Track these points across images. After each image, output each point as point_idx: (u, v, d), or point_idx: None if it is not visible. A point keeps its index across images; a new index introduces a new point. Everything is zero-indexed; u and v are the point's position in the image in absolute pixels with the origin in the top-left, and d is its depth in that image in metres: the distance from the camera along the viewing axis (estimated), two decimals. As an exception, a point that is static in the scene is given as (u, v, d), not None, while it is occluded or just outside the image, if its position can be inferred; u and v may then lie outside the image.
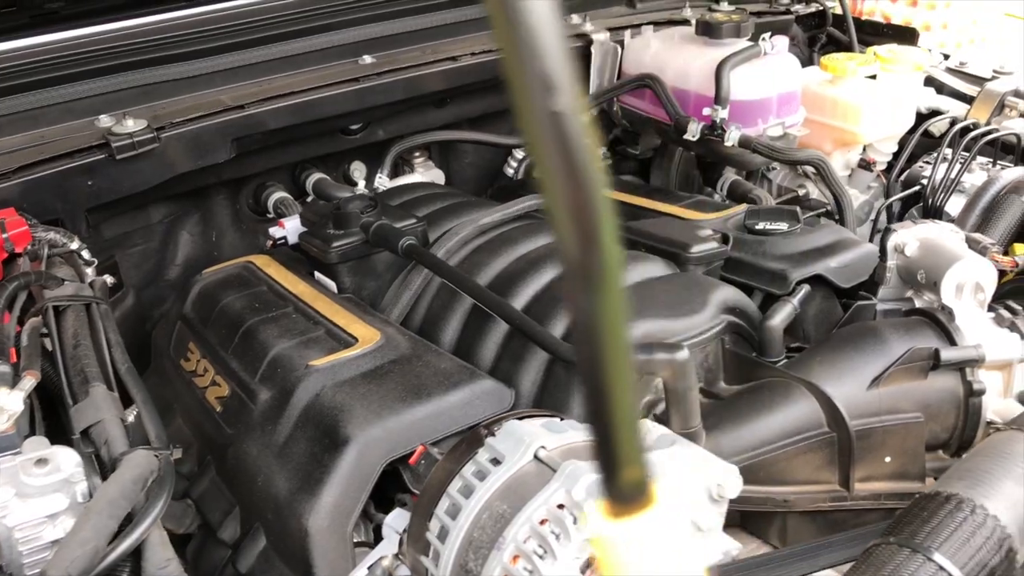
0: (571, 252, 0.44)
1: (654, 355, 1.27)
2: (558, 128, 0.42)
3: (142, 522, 1.21)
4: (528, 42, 0.41)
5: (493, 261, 1.73)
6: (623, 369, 0.46)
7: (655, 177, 2.84)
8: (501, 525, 1.03)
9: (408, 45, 2.43)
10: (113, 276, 2.23)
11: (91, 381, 1.38)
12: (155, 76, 2.13)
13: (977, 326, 1.39)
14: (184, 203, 2.36)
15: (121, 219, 2.21)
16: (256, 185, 2.50)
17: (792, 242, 1.76)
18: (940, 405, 1.36)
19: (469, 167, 2.82)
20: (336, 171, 2.62)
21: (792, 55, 2.33)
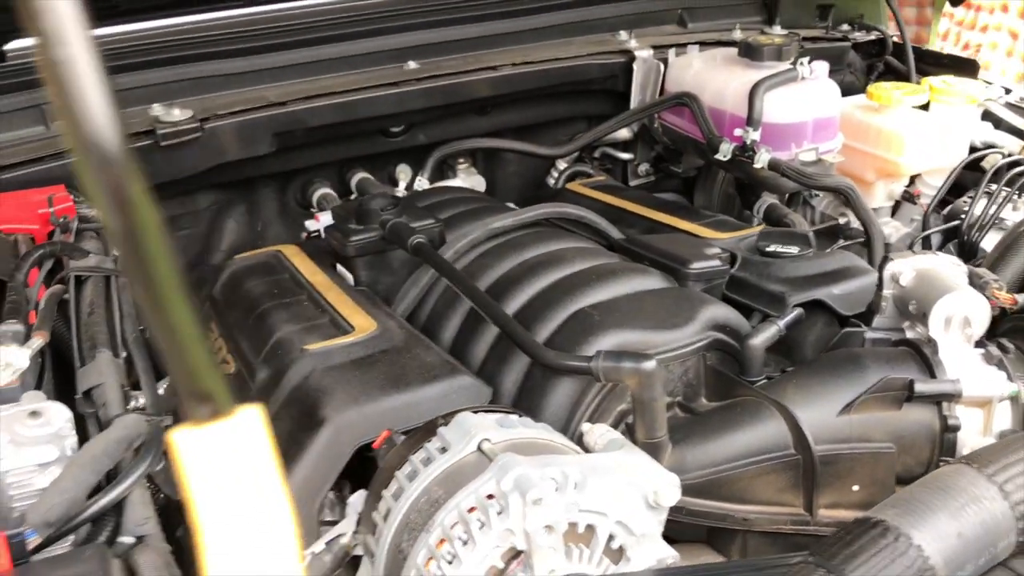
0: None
1: (621, 363, 1.29)
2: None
3: (124, 480, 1.30)
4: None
5: (498, 264, 1.78)
6: (169, 285, 0.51)
7: (698, 197, 2.84)
8: (434, 509, 1.07)
9: (453, 53, 2.50)
10: (158, 256, 2.37)
11: (99, 347, 1.48)
12: (208, 70, 2.25)
13: (961, 361, 1.36)
14: (231, 192, 2.48)
15: (169, 203, 2.33)
16: (304, 180, 2.60)
17: (798, 266, 1.75)
18: (914, 438, 1.34)
19: (513, 176, 2.87)
20: (382, 172, 2.71)
21: (831, 81, 2.30)
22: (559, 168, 2.81)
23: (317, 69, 2.37)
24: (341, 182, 2.64)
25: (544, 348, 1.41)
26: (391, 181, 2.68)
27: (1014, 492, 1.03)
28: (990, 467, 1.05)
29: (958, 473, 1.06)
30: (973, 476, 1.05)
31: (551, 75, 2.47)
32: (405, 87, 2.29)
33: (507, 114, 2.62)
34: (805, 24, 2.92)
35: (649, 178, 2.87)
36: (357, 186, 2.59)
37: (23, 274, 1.51)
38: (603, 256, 1.77)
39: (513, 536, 1.03)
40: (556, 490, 1.05)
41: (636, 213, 2.14)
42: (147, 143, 2.05)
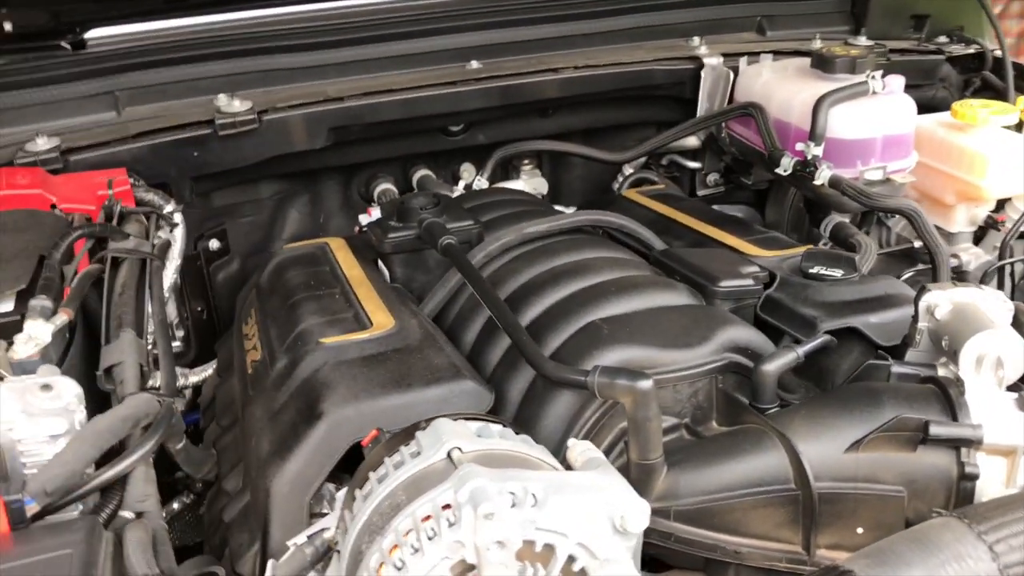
0: None
1: (616, 380, 1.25)
2: None
3: (127, 458, 1.35)
4: None
5: (526, 270, 1.76)
6: None
7: (769, 211, 2.75)
8: (393, 514, 1.07)
9: (519, 54, 2.49)
10: (220, 241, 2.46)
11: (124, 326, 1.54)
12: (274, 64, 2.32)
13: (989, 404, 1.26)
14: (295, 183, 2.54)
15: (231, 191, 2.41)
16: (369, 175, 2.65)
17: (839, 290, 1.66)
18: (927, 483, 1.25)
19: (577, 179, 2.85)
20: (446, 169, 2.73)
21: (907, 96, 2.18)
22: (624, 174, 2.76)
23: (381, 66, 2.40)
24: (405, 178, 2.67)
25: (545, 358, 1.39)
26: (454, 179, 2.70)
27: (1005, 554, 0.95)
28: (983, 524, 0.97)
29: (945, 527, 0.98)
30: (962, 532, 0.97)
31: (614, 79, 2.43)
32: (463, 86, 2.30)
33: (570, 117, 2.59)
34: (896, 35, 2.78)
35: (718, 189, 2.79)
36: (418, 183, 2.61)
37: (60, 252, 1.58)
38: (632, 268, 1.73)
39: (463, 549, 1.01)
40: (513, 505, 1.03)
41: (684, 225, 2.08)
42: (206, 132, 2.12)
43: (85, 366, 1.54)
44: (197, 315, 2.37)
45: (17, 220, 1.76)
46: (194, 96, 2.25)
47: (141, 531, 1.26)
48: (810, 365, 1.61)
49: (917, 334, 1.43)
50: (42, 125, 2.13)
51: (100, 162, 2.06)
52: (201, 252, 2.37)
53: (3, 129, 2.12)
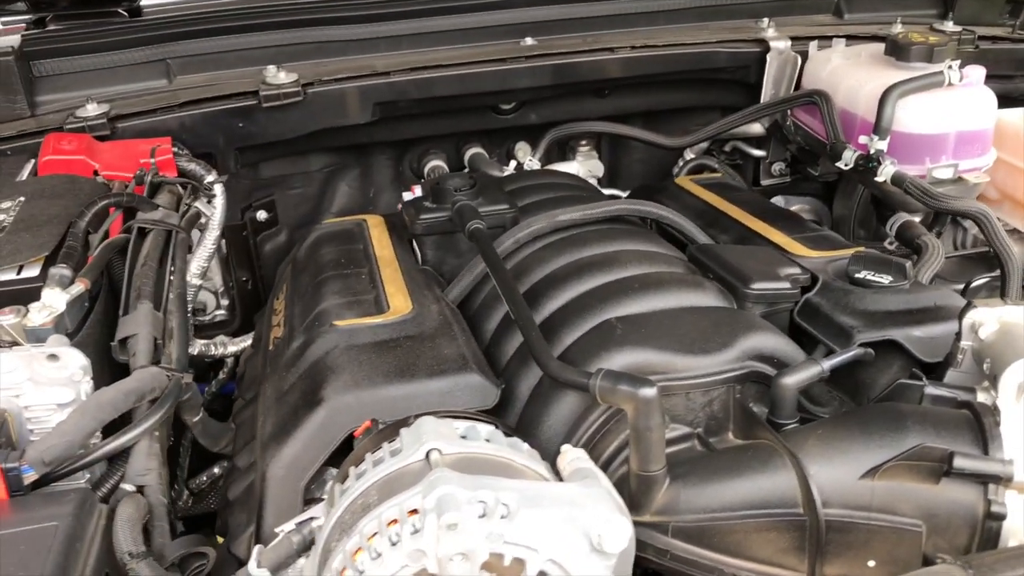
0: None
1: (618, 385, 1.19)
2: None
3: (129, 431, 1.35)
4: None
5: (554, 259, 1.70)
6: None
7: (837, 205, 2.61)
8: (363, 514, 1.04)
9: (576, 31, 2.41)
10: (268, 212, 2.47)
11: (142, 298, 1.54)
12: (324, 35, 2.30)
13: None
14: (346, 157, 2.53)
15: (280, 162, 2.41)
16: (422, 150, 2.62)
17: (883, 298, 1.55)
18: (949, 519, 1.14)
19: (637, 163, 2.75)
20: (500, 148, 2.68)
21: (987, 89, 2.02)
22: (685, 159, 2.66)
23: (434, 40, 2.36)
24: (457, 155, 2.62)
25: (551, 356, 1.33)
26: (508, 157, 2.64)
27: (1009, 612, 0.86)
28: (986, 574, 0.88)
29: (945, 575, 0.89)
30: (962, 583, 0.88)
31: (674, 61, 2.33)
32: (513, 64, 2.23)
33: (628, 99, 2.50)
34: (988, 21, 2.58)
35: (783, 179, 2.66)
36: (469, 161, 2.57)
37: (84, 221, 1.59)
38: (663, 264, 1.65)
39: (425, 558, 0.97)
40: (481, 516, 0.98)
41: (732, 218, 1.98)
42: (251, 103, 2.11)
43: (107, 336, 1.55)
44: (242, 285, 2.39)
45: (56, 186, 1.79)
46: (245, 66, 2.25)
47: (132, 507, 1.26)
48: (846, 377, 1.51)
49: (959, 353, 1.32)
50: (96, 91, 2.16)
51: (147, 129, 2.08)
52: (248, 222, 2.39)
53: (59, 94, 2.16)
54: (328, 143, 2.38)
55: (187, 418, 1.63)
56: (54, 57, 2.16)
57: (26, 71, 2.12)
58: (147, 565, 1.20)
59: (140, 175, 1.81)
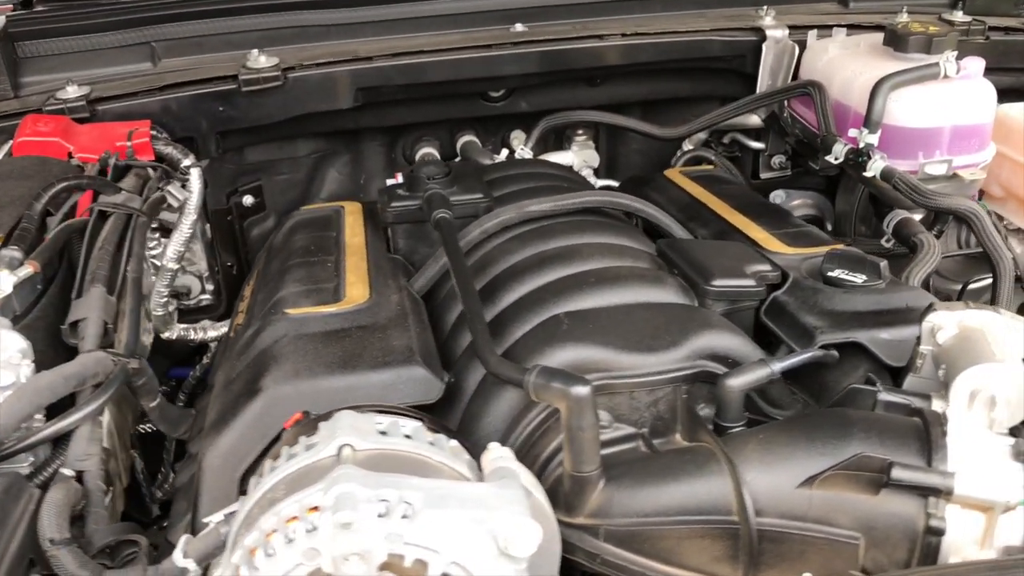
0: None
1: (551, 382, 1.15)
2: None
3: (68, 416, 1.34)
4: None
5: (519, 251, 1.66)
6: None
7: (840, 200, 2.53)
8: (267, 510, 1.01)
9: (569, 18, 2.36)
10: (255, 197, 2.46)
11: (96, 282, 1.53)
12: (310, 20, 2.27)
13: (975, 450, 1.09)
14: (335, 142, 2.50)
15: (266, 147, 2.39)
16: (415, 137, 2.58)
17: (853, 299, 1.48)
18: (888, 532, 1.09)
19: (635, 153, 2.70)
20: (495, 136, 2.63)
21: (986, 82, 1.93)
22: (684, 150, 2.60)
23: (422, 25, 2.32)
24: (451, 142, 2.59)
25: (491, 351, 1.29)
26: (504, 146, 2.60)
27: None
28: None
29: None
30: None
31: (666, 49, 2.26)
32: (498, 51, 2.19)
33: (621, 88, 2.44)
34: (1002, 12, 2.48)
35: (784, 172, 2.58)
36: (461, 149, 2.53)
37: (41, 203, 1.58)
38: (628, 258, 1.60)
39: (320, 557, 0.94)
40: (381, 515, 0.95)
41: (714, 211, 1.92)
42: (231, 87, 2.09)
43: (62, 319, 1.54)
44: (227, 269, 2.38)
45: (25, 167, 1.79)
46: (231, 50, 2.23)
47: (60, 493, 1.25)
48: (811, 380, 1.46)
49: (919, 358, 1.26)
50: (81, 73, 2.15)
51: (128, 112, 2.07)
52: (234, 207, 2.37)
53: (44, 76, 2.16)
54: (314, 128, 2.35)
55: (144, 403, 1.61)
56: (39, 38, 2.15)
57: (10, 52, 2.12)
58: (69, 552, 1.19)
59: (104, 158, 1.80)
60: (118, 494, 1.54)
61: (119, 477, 1.58)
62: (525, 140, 2.50)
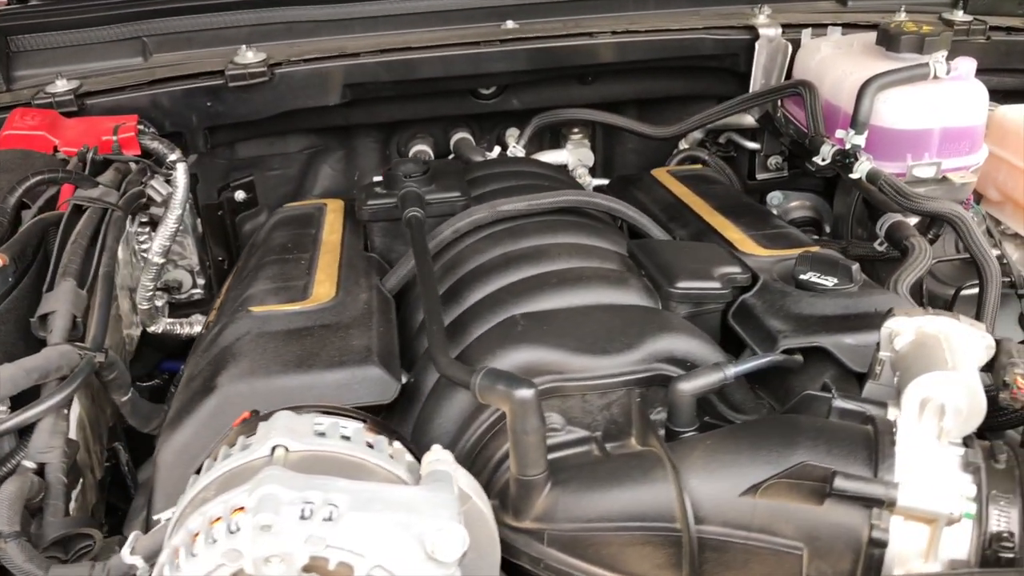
0: None
1: (496, 384, 1.14)
2: None
3: (30, 409, 1.35)
4: None
5: (489, 250, 1.65)
6: None
7: (837, 202, 2.49)
8: (196, 509, 1.01)
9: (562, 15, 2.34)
10: (247, 193, 2.47)
11: (67, 276, 1.54)
12: (300, 15, 2.27)
13: (923, 460, 1.06)
14: (327, 138, 2.51)
15: (258, 143, 2.40)
16: (410, 134, 2.58)
17: (821, 303, 1.46)
18: (832, 543, 1.06)
19: (631, 153, 2.68)
20: (490, 133, 2.62)
21: (978, 83, 1.89)
22: (680, 148, 2.57)
23: (412, 22, 2.31)
24: (446, 139, 2.58)
25: (445, 351, 1.28)
26: (499, 144, 2.59)
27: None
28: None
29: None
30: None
31: (657, 47, 2.24)
32: (486, 47, 2.18)
33: (613, 86, 2.42)
34: (1006, 11, 2.42)
35: (781, 173, 2.55)
36: (454, 146, 2.52)
37: (15, 196, 1.60)
38: (596, 259, 1.58)
39: (243, 559, 0.94)
40: (303, 518, 0.94)
41: (694, 212, 1.89)
42: (219, 83, 2.10)
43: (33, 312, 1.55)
44: (219, 264, 2.40)
45: (8, 160, 1.80)
46: (221, 45, 2.24)
47: (14, 485, 1.26)
48: (778, 384, 1.43)
49: (877, 364, 1.23)
50: (73, 67, 2.17)
51: (117, 107, 2.08)
52: (225, 202, 2.39)
53: (36, 69, 2.18)
54: (305, 124, 2.36)
55: (115, 397, 1.63)
56: (32, 32, 2.18)
57: (3, 46, 2.14)
58: (17, 545, 1.20)
59: (83, 152, 1.81)
60: (89, 486, 1.56)
61: (91, 469, 1.59)
62: (518, 138, 2.48)
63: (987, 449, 1.09)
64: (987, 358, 1.18)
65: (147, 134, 2.03)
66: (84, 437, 1.55)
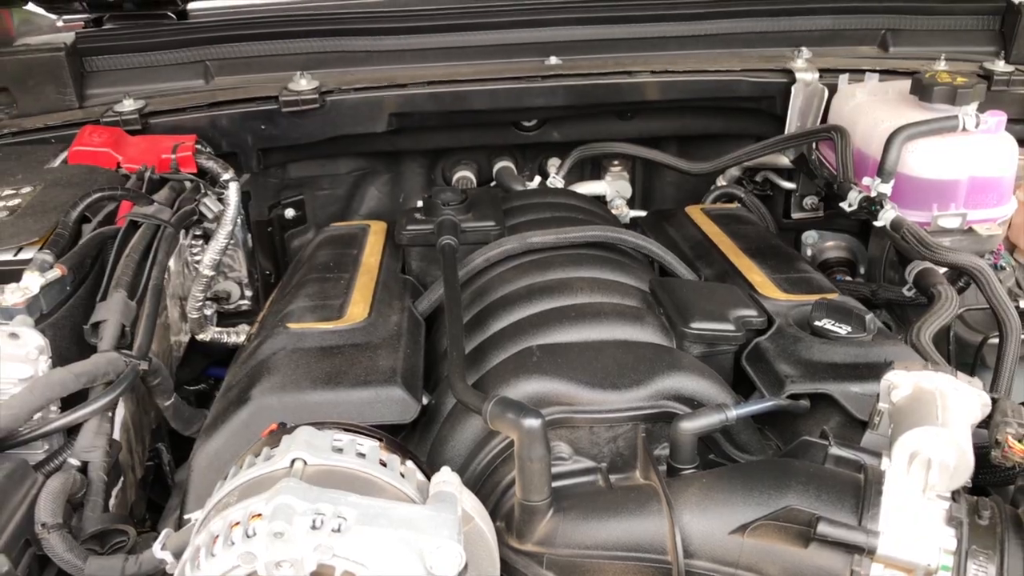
0: None
1: (506, 413, 1.21)
2: None
3: (76, 411, 1.46)
4: None
5: (516, 281, 1.72)
6: None
7: (872, 244, 2.51)
8: (219, 512, 1.10)
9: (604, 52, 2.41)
10: (297, 210, 2.59)
11: (119, 287, 1.65)
12: (352, 46, 2.39)
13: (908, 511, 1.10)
14: (375, 162, 2.62)
15: (309, 164, 2.52)
16: (454, 160, 2.68)
17: (831, 350, 1.50)
18: (815, 585, 1.11)
19: (670, 186, 2.74)
20: (532, 163, 2.71)
21: (1007, 136, 1.91)
22: (718, 185, 2.62)
23: (461, 55, 2.41)
24: (489, 166, 2.67)
25: (462, 377, 1.35)
26: (541, 172, 2.67)
27: None
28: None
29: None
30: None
31: (694, 88, 2.30)
32: (528, 83, 2.26)
33: (652, 122, 2.48)
34: (1052, 62, 2.43)
35: (816, 213, 2.58)
36: (496, 174, 2.61)
37: (76, 211, 1.72)
38: (616, 294, 1.64)
39: (256, 561, 1.02)
40: (313, 528, 1.02)
41: (720, 251, 1.94)
42: (273, 107, 2.22)
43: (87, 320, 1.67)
44: (266, 277, 2.51)
45: (74, 175, 1.94)
46: (278, 71, 2.36)
47: (59, 481, 1.37)
48: (786, 427, 1.48)
49: (876, 415, 1.27)
50: (141, 87, 2.32)
51: (178, 127, 2.22)
52: (275, 219, 2.50)
53: (107, 88, 2.33)
54: (353, 148, 2.47)
55: (159, 402, 1.74)
56: (105, 54, 2.33)
57: (77, 66, 2.29)
58: (59, 536, 1.30)
59: (141, 171, 1.93)
60: (130, 484, 1.67)
61: (132, 469, 1.70)
62: (558, 168, 2.56)
63: (972, 504, 1.13)
64: (982, 416, 1.21)
65: (204, 153, 2.16)
66: (127, 438, 1.66)
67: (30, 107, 2.24)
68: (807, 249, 2.60)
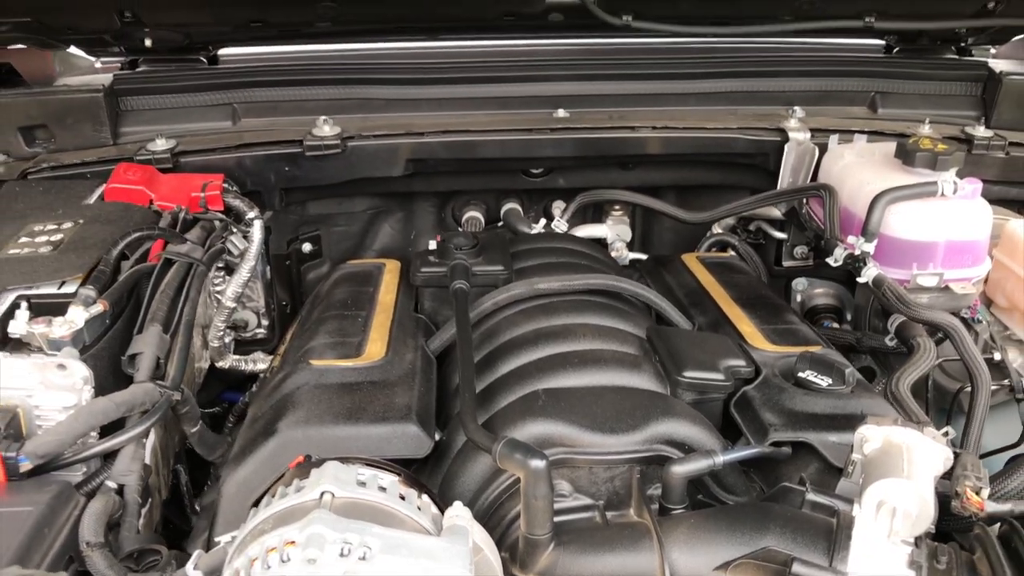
0: None
1: (514, 454, 1.33)
2: None
3: (114, 437, 1.59)
4: None
5: (523, 325, 1.85)
6: None
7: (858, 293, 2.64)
8: (256, 538, 1.22)
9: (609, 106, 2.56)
10: (314, 245, 2.72)
11: (154, 321, 1.78)
12: (373, 93, 2.53)
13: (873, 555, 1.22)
14: (389, 201, 2.76)
15: (327, 202, 2.66)
16: (464, 201, 2.82)
17: (813, 401, 1.63)
18: (789, 620, 1.23)
19: (668, 232, 2.87)
20: (538, 205, 2.85)
21: (982, 201, 2.05)
22: (714, 232, 2.76)
23: (474, 104, 2.55)
24: (497, 207, 2.81)
25: (474, 417, 1.48)
26: (546, 214, 2.81)
27: None
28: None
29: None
30: None
31: (692, 143, 2.45)
32: (537, 135, 2.40)
33: (651, 173, 2.63)
34: (1030, 128, 2.58)
35: (806, 262, 2.71)
36: (504, 215, 2.75)
37: (117, 249, 1.85)
38: (616, 341, 1.77)
39: (290, 584, 1.14)
40: (341, 555, 1.15)
41: (713, 300, 2.08)
42: (296, 151, 2.36)
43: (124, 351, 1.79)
44: (282, 308, 2.64)
45: (111, 212, 2.07)
46: (302, 115, 2.50)
47: (101, 502, 1.49)
48: (769, 471, 1.61)
49: (850, 464, 1.40)
50: (172, 127, 2.46)
51: (206, 166, 2.35)
52: (293, 253, 2.64)
53: (140, 127, 2.47)
54: (370, 189, 2.61)
55: (186, 428, 1.86)
56: (139, 95, 2.47)
57: (113, 106, 2.43)
58: (101, 554, 1.42)
59: (176, 212, 2.07)
60: (156, 505, 1.79)
61: (158, 491, 1.82)
62: (562, 212, 2.69)
63: (932, 550, 1.26)
64: (945, 469, 1.34)
65: (230, 192, 2.29)
66: (156, 462, 1.78)
67: (68, 143, 2.37)
68: (797, 296, 2.73)
